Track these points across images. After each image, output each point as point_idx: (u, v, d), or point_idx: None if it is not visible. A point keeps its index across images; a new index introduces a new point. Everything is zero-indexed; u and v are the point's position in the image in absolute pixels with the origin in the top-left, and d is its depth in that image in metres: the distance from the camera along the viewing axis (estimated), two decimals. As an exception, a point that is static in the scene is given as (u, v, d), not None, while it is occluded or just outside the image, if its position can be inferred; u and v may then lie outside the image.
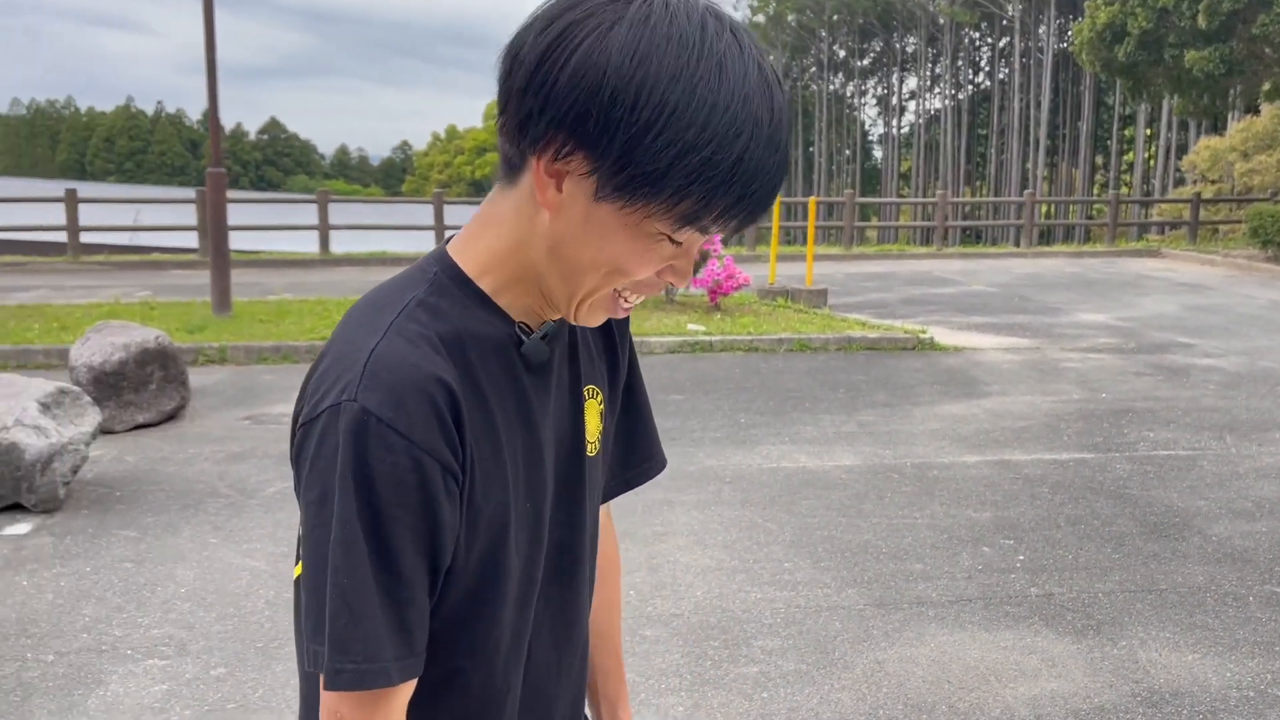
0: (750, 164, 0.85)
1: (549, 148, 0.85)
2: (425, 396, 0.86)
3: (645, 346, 9.31)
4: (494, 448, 0.93)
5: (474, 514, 0.92)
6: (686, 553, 4.48)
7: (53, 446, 4.79)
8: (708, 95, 0.82)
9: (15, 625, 3.71)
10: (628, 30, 0.82)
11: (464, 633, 0.96)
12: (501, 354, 0.95)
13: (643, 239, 0.89)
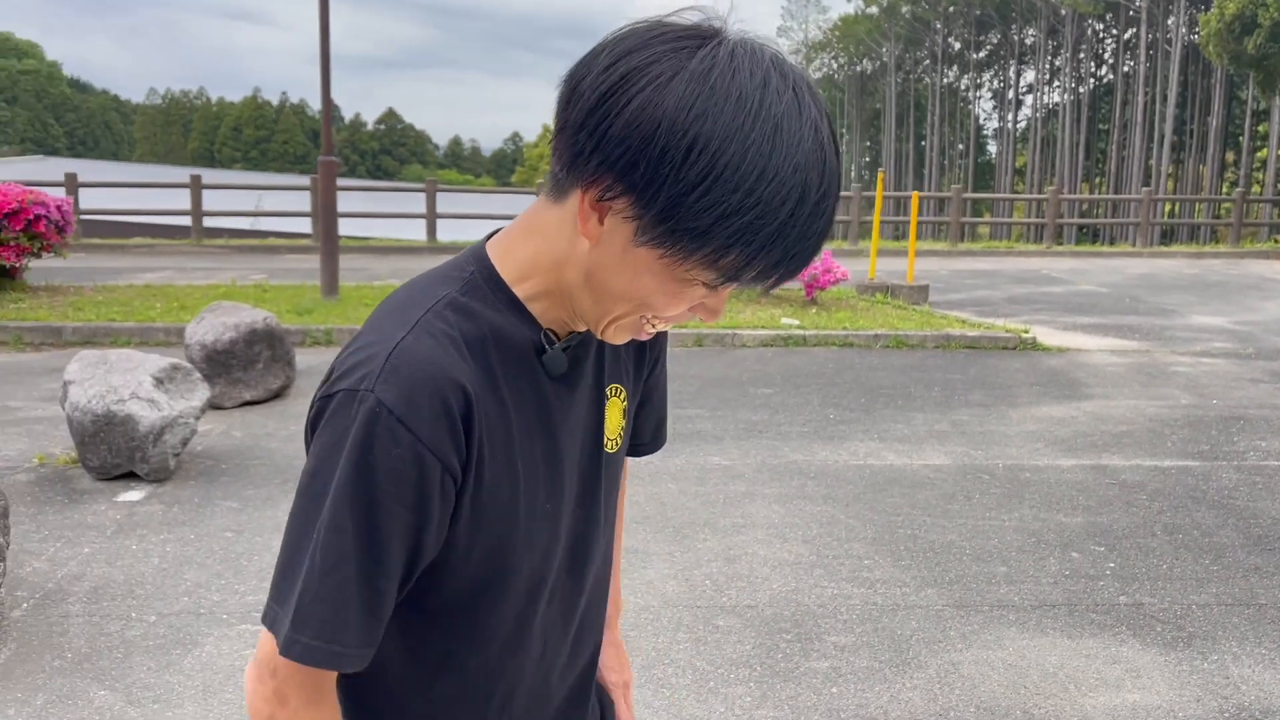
0: (793, 232, 0.85)
1: (596, 185, 0.86)
2: (439, 397, 0.88)
3: (736, 339, 9.30)
4: (506, 451, 0.95)
5: (478, 511, 0.95)
6: (765, 546, 4.48)
7: (165, 419, 5.05)
8: (758, 160, 0.82)
9: (123, 586, 3.93)
10: (686, 85, 0.82)
11: (464, 619, 1.00)
12: (526, 359, 0.98)
13: (676, 283, 0.90)
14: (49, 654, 3.40)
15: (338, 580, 0.88)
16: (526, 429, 0.98)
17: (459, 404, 0.90)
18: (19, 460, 5.46)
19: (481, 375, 0.93)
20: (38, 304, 10.06)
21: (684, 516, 4.81)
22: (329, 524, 0.87)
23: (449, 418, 0.89)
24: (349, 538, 0.87)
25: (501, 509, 0.96)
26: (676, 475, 5.42)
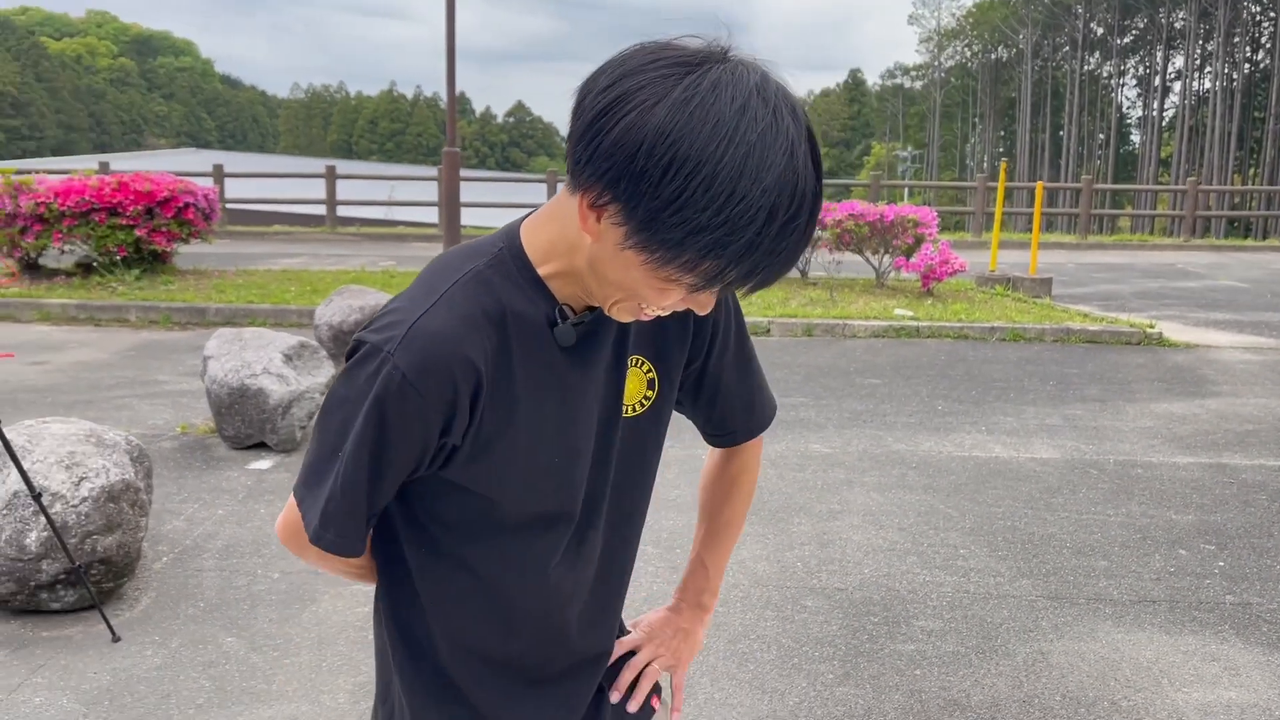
0: (760, 249, 0.93)
1: (591, 191, 0.97)
2: (445, 367, 1.03)
3: (847, 330, 9.26)
4: (510, 413, 1.10)
5: (479, 457, 1.11)
6: (860, 531, 4.52)
7: (292, 393, 5.39)
8: (728, 183, 0.89)
9: (251, 546, 4.25)
10: (667, 112, 0.90)
11: (472, 542, 1.18)
12: (540, 332, 1.10)
13: (661, 281, 1.00)
14: (184, 603, 3.72)
15: (354, 501, 1.10)
16: (536, 394, 1.11)
17: (465, 375, 1.05)
18: (164, 429, 5.90)
19: (495, 346, 1.07)
20: (185, 286, 10.75)
21: (780, 501, 4.88)
22: (350, 458, 1.08)
23: (453, 386, 1.04)
24: (364, 472, 1.08)
25: (500, 457, 1.11)
26: (776, 461, 5.49)
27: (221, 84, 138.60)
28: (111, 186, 10.52)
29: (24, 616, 3.54)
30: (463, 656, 1.22)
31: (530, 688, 1.26)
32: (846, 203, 11.66)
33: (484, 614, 1.21)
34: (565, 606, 1.25)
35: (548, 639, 1.25)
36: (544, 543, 1.19)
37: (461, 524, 1.16)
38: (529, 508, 1.16)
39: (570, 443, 1.15)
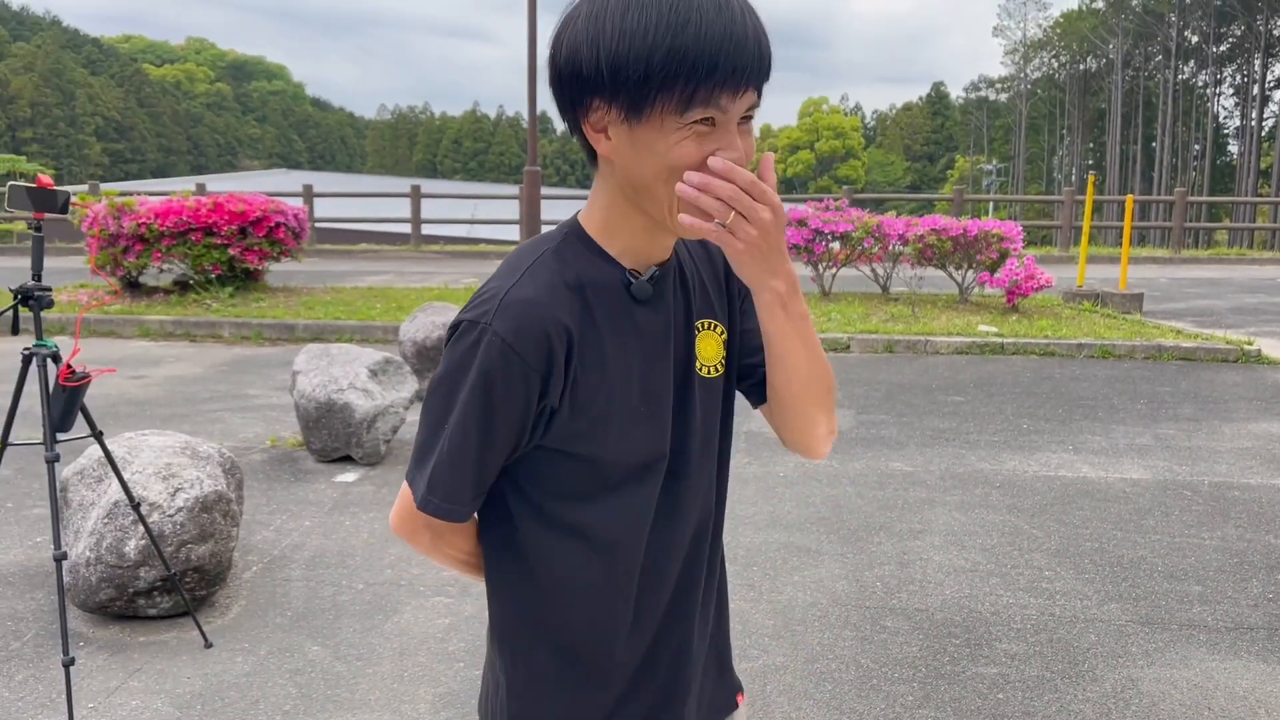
0: (708, 40, 1.03)
1: (583, 113, 1.11)
2: (540, 330, 1.12)
3: (929, 346, 9.12)
4: (600, 367, 1.17)
5: (578, 412, 1.17)
6: (941, 552, 4.44)
7: (377, 408, 5.51)
8: (649, 13, 1.04)
9: (336, 556, 4.35)
10: (583, 18, 1.08)
11: (581, 492, 1.22)
12: (616, 293, 1.19)
13: (674, 135, 1.08)
14: (272, 611, 3.82)
15: (461, 466, 1.17)
16: (621, 350, 1.19)
17: (558, 333, 1.13)
18: (255, 442, 6.09)
19: (579, 309, 1.15)
20: (275, 303, 11.08)
21: (859, 520, 4.83)
22: (456, 425, 1.15)
23: (549, 346, 1.12)
24: (472, 437, 1.15)
25: (599, 410, 1.18)
26: (855, 479, 5.43)
27: (312, 106, 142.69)
28: (207, 207, 10.91)
29: (122, 622, 3.69)
30: (574, 634, 1.26)
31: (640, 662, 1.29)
32: (929, 217, 11.50)
33: (595, 582, 1.24)
34: (669, 553, 1.28)
35: (652, 610, 1.28)
36: (643, 493, 1.23)
37: (567, 490, 1.22)
38: (626, 457, 1.21)
39: (654, 391, 1.22)
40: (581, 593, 1.24)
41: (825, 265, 11.85)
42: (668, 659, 1.30)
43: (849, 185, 29.90)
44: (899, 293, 11.91)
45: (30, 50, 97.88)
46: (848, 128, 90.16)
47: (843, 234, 11.36)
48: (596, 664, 1.26)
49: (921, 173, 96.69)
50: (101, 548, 3.55)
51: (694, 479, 1.27)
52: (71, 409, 3.08)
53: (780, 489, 5.25)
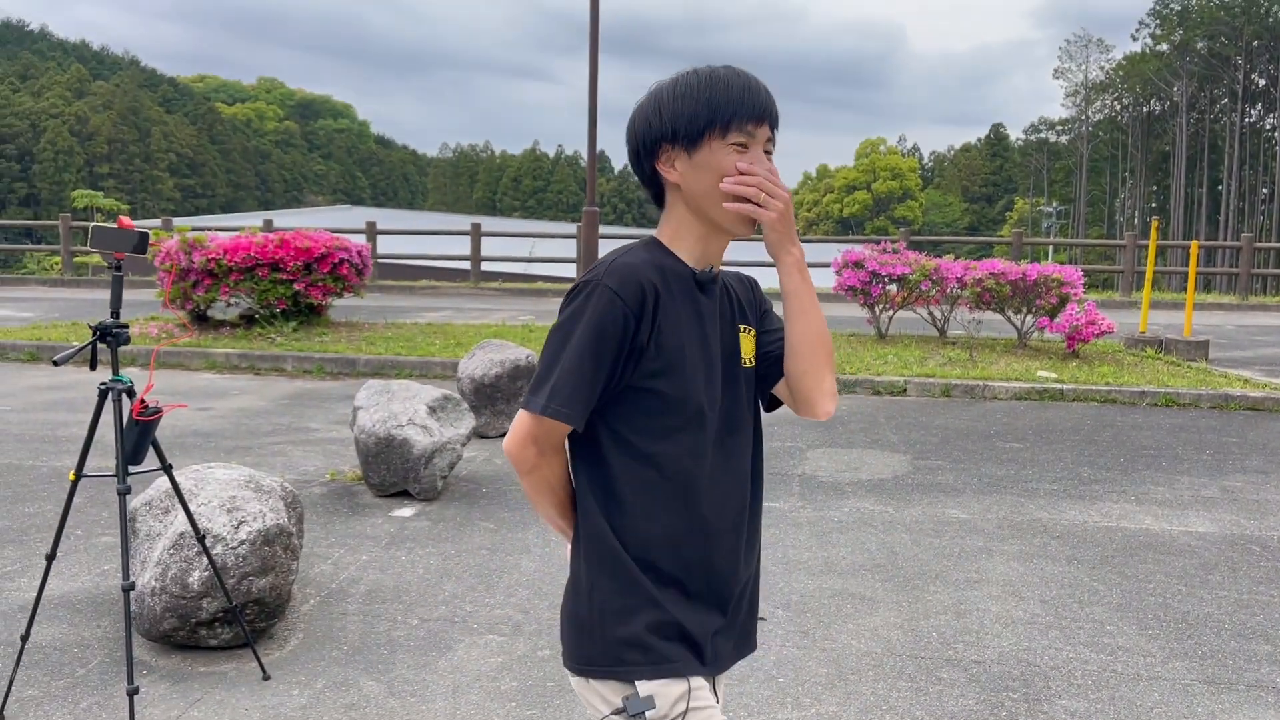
0: (735, 91, 1.58)
1: (656, 158, 1.65)
2: (638, 284, 1.55)
3: (987, 391, 9.02)
4: (675, 326, 1.59)
5: (658, 350, 1.58)
6: (998, 602, 4.37)
7: (435, 444, 5.59)
8: (692, 87, 1.60)
9: (392, 592, 4.40)
10: (646, 99, 1.66)
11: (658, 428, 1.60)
12: (685, 281, 1.64)
13: (720, 153, 1.59)
14: (329, 645, 3.88)
15: (577, 380, 1.55)
16: (689, 319, 1.61)
17: (650, 289, 1.56)
18: (315, 475, 6.19)
19: (661, 284, 1.58)
20: (338, 338, 11.29)
21: (915, 567, 4.77)
22: (574, 351, 1.55)
23: (643, 295, 1.55)
24: (587, 361, 1.54)
25: (672, 354, 1.59)
26: (911, 526, 5.37)
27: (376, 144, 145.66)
28: (274, 244, 11.18)
29: (184, 651, 3.76)
30: (644, 545, 1.61)
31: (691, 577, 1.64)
32: (987, 261, 11.40)
33: (668, 500, 1.61)
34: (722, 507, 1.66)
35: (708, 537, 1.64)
36: (702, 436, 1.62)
37: (644, 427, 1.60)
38: (690, 397, 1.59)
39: (711, 355, 1.64)
40: (651, 511, 1.60)
41: (882, 307, 11.79)
42: (715, 582, 1.65)
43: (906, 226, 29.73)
44: (956, 336, 11.80)
45: (109, 89, 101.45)
46: (905, 168, 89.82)
47: (900, 276, 11.30)
48: (658, 572, 1.61)
49: (979, 214, 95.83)
50: (166, 578, 3.64)
51: (741, 434, 1.68)
52: (143, 443, 3.18)
53: (834, 534, 5.22)
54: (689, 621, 1.61)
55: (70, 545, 4.84)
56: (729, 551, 1.66)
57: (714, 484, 1.63)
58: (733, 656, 1.72)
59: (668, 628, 1.59)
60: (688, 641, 1.61)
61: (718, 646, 1.66)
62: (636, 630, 1.58)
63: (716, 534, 1.64)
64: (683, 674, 1.59)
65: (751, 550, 1.73)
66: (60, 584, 4.36)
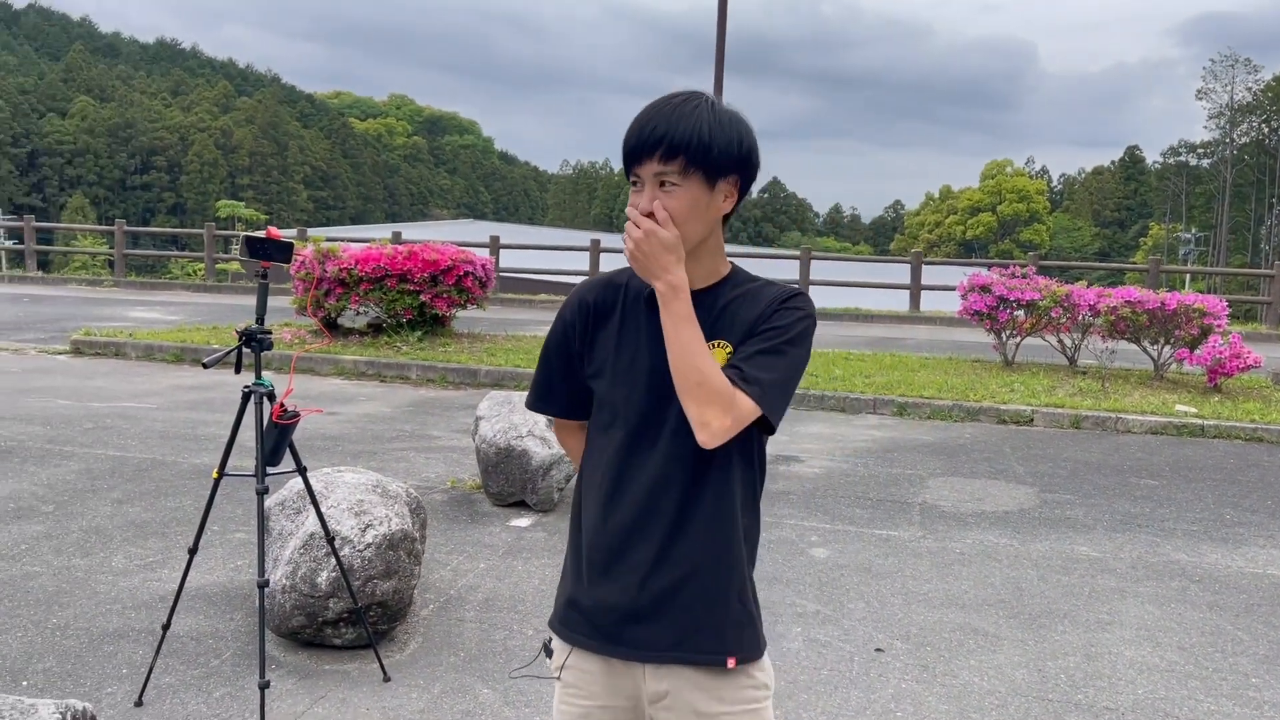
0: (631, 130, 1.65)
1: None
2: (580, 298, 1.82)
3: (1120, 424, 8.64)
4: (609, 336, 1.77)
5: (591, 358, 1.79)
6: (1133, 647, 4.17)
7: (552, 456, 5.65)
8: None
9: (508, 601, 4.46)
10: None
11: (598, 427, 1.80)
12: (639, 297, 1.76)
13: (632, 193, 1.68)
14: (447, 651, 3.94)
15: (534, 379, 1.90)
16: (628, 333, 1.75)
17: (587, 306, 1.80)
18: (436, 482, 6.33)
19: (605, 299, 1.79)
20: (460, 349, 11.54)
21: (1041, 605, 4.59)
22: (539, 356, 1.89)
23: (582, 309, 1.80)
24: (541, 361, 1.88)
25: (601, 364, 1.78)
26: (1038, 561, 5.18)
27: (499, 160, 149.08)
28: (403, 255, 11.52)
29: (310, 649, 3.88)
30: (584, 524, 1.79)
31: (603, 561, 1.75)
32: (1123, 289, 10.96)
33: (593, 487, 1.78)
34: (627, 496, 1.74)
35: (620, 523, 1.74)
36: (621, 433, 1.75)
37: (594, 420, 1.82)
38: (609, 401, 1.76)
39: (635, 366, 1.74)
40: (587, 491, 1.80)
41: (1009, 333, 11.44)
42: (618, 571, 1.73)
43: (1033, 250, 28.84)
44: (1088, 365, 11.36)
45: (252, 104, 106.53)
46: (1032, 191, 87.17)
47: (1029, 302, 10.95)
48: (584, 548, 1.78)
49: (1111, 239, 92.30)
50: (296, 577, 3.76)
51: (667, 441, 1.71)
52: (281, 445, 3.30)
53: (956, 566, 5.06)
54: (589, 599, 1.77)
55: (207, 540, 5.04)
56: (637, 548, 1.73)
57: (629, 479, 1.73)
58: (670, 653, 1.73)
59: (574, 601, 1.80)
60: (585, 617, 1.78)
61: (631, 633, 1.74)
62: (561, 596, 1.85)
63: (626, 522, 1.73)
64: (569, 641, 1.80)
65: (679, 557, 1.72)
66: (198, 577, 4.56)
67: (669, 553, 1.72)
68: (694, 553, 1.72)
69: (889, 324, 17.89)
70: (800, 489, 6.42)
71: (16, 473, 6.15)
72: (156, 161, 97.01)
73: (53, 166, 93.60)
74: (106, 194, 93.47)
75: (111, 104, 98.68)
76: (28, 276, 22.30)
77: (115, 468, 6.36)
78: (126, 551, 4.90)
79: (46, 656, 3.75)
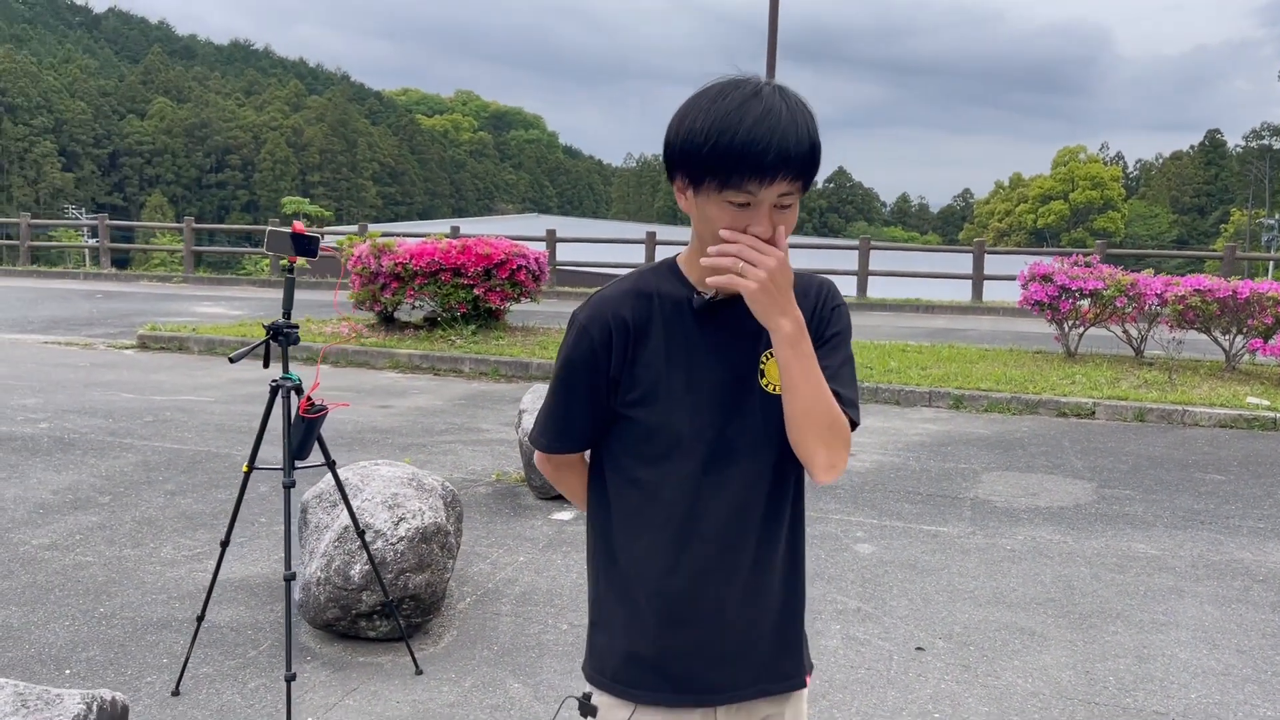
0: (740, 144, 1.39)
1: (671, 177, 1.51)
2: (605, 318, 1.56)
3: (1187, 417, 8.35)
4: (653, 355, 1.55)
5: (633, 381, 1.56)
6: (1188, 649, 4.01)
7: (595, 451, 5.62)
8: (711, 114, 1.42)
9: (545, 595, 4.44)
10: (681, 107, 1.48)
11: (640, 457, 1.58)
12: (681, 306, 1.57)
13: (715, 207, 1.45)
14: (480, 644, 3.94)
15: (550, 412, 1.66)
16: (674, 348, 1.56)
17: (619, 325, 1.55)
18: (481, 475, 6.35)
19: (643, 309, 1.56)
20: (513, 342, 11.59)
21: (1093, 604, 4.44)
22: (552, 385, 1.65)
23: (611, 331, 1.55)
24: (558, 395, 1.63)
25: (650, 387, 1.56)
26: (1092, 559, 5.01)
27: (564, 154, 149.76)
28: (457, 250, 11.60)
29: (344, 640, 3.91)
30: (628, 566, 1.61)
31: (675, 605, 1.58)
32: (1192, 277, 10.59)
33: (652, 524, 1.58)
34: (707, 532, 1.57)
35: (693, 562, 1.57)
36: (687, 463, 1.56)
37: (635, 451, 1.59)
38: (668, 427, 1.55)
39: (699, 383, 1.56)
40: (636, 533, 1.59)
41: (1071, 324, 11.13)
42: (699, 611, 1.57)
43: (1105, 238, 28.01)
44: (1154, 356, 11.01)
45: (322, 103, 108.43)
46: (1106, 178, 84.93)
47: (1092, 291, 10.64)
48: (642, 595, 1.59)
49: (1190, 226, 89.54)
50: (330, 569, 3.79)
51: (743, 464, 1.57)
52: (309, 438, 3.32)
53: (1006, 564, 4.93)
54: (656, 649, 1.59)
55: (253, 532, 5.13)
56: (720, 583, 1.57)
57: (704, 513, 1.56)
58: (753, 687, 1.62)
59: (635, 655, 1.61)
60: (652, 669, 1.60)
61: (710, 677, 1.59)
62: (611, 649, 1.63)
63: (703, 562, 1.57)
64: (632, 699, 1.61)
65: (760, 586, 1.60)
66: (241, 568, 4.63)
67: (754, 587, 1.60)
68: (776, 583, 1.62)
69: (951, 315, 17.56)
70: (848, 483, 6.31)
71: (77, 465, 6.32)
72: (231, 160, 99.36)
73: (133, 166, 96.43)
74: (184, 192, 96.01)
75: (188, 104, 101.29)
76: (103, 274, 22.98)
77: (171, 460, 6.50)
78: (175, 542, 4.99)
79: (91, 646, 3.83)
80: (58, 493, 5.73)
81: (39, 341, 11.99)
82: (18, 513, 5.36)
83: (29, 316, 14.53)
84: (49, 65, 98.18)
